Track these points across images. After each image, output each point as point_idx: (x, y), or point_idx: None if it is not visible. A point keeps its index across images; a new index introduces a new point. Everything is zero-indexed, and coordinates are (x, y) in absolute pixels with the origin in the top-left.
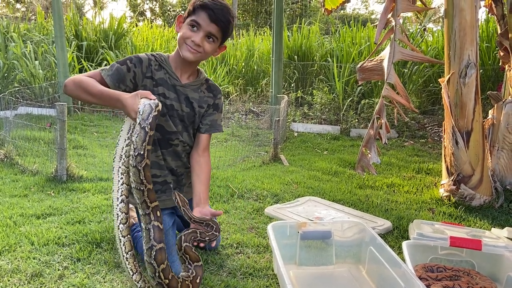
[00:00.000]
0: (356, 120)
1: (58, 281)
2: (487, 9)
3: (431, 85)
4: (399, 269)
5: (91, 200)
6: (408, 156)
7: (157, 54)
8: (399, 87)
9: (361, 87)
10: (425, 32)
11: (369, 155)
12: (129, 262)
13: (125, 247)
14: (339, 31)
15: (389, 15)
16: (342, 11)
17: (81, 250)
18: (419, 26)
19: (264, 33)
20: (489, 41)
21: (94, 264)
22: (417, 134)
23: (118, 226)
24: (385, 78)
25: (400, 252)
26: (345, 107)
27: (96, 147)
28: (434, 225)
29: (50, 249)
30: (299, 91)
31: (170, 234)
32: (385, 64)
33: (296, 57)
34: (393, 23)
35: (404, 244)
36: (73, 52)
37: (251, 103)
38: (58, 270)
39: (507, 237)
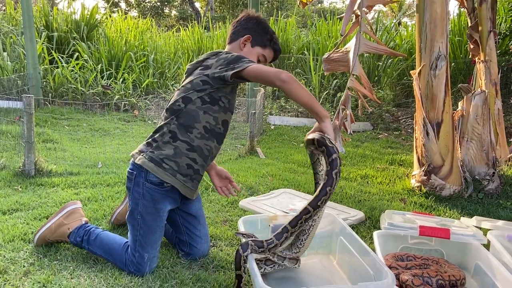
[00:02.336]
0: (332, 113)
1: (23, 278)
2: (458, 3)
3: (405, 78)
4: (369, 258)
5: (60, 195)
6: (382, 148)
7: None
8: (363, 79)
9: (337, 80)
10: (400, 26)
11: None
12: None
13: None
14: (315, 24)
15: (355, 7)
16: (319, 5)
17: (47, 246)
18: (394, 20)
19: None
20: (461, 35)
21: (61, 260)
22: (391, 127)
23: None
24: (350, 69)
25: (372, 242)
26: (321, 100)
27: (67, 141)
28: (405, 215)
29: (15, 245)
30: None
31: (162, 229)
32: (350, 55)
33: None
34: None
35: (375, 234)
36: (43, 43)
37: None
38: (24, 266)
39: (475, 226)
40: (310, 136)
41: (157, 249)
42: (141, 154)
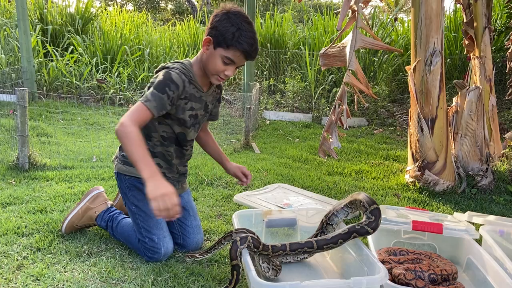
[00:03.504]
0: (328, 108)
1: (16, 271)
2: None
3: (400, 73)
4: (362, 253)
5: (54, 188)
6: (377, 144)
7: (185, 69)
8: (359, 74)
9: (332, 75)
10: (396, 22)
11: (331, 140)
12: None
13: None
14: (311, 19)
15: (352, 3)
16: (316, 0)
17: (41, 239)
18: (390, 16)
19: None
20: (457, 31)
21: (55, 254)
22: (386, 122)
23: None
24: (347, 65)
25: (365, 237)
26: (316, 95)
27: (61, 135)
28: (399, 210)
29: (8, 239)
30: (271, 79)
31: None
32: (347, 51)
33: (268, 44)
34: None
35: None
36: (37, 36)
37: (223, 91)
38: (17, 260)
39: (468, 221)
40: (368, 198)
41: (164, 230)
42: (116, 160)
